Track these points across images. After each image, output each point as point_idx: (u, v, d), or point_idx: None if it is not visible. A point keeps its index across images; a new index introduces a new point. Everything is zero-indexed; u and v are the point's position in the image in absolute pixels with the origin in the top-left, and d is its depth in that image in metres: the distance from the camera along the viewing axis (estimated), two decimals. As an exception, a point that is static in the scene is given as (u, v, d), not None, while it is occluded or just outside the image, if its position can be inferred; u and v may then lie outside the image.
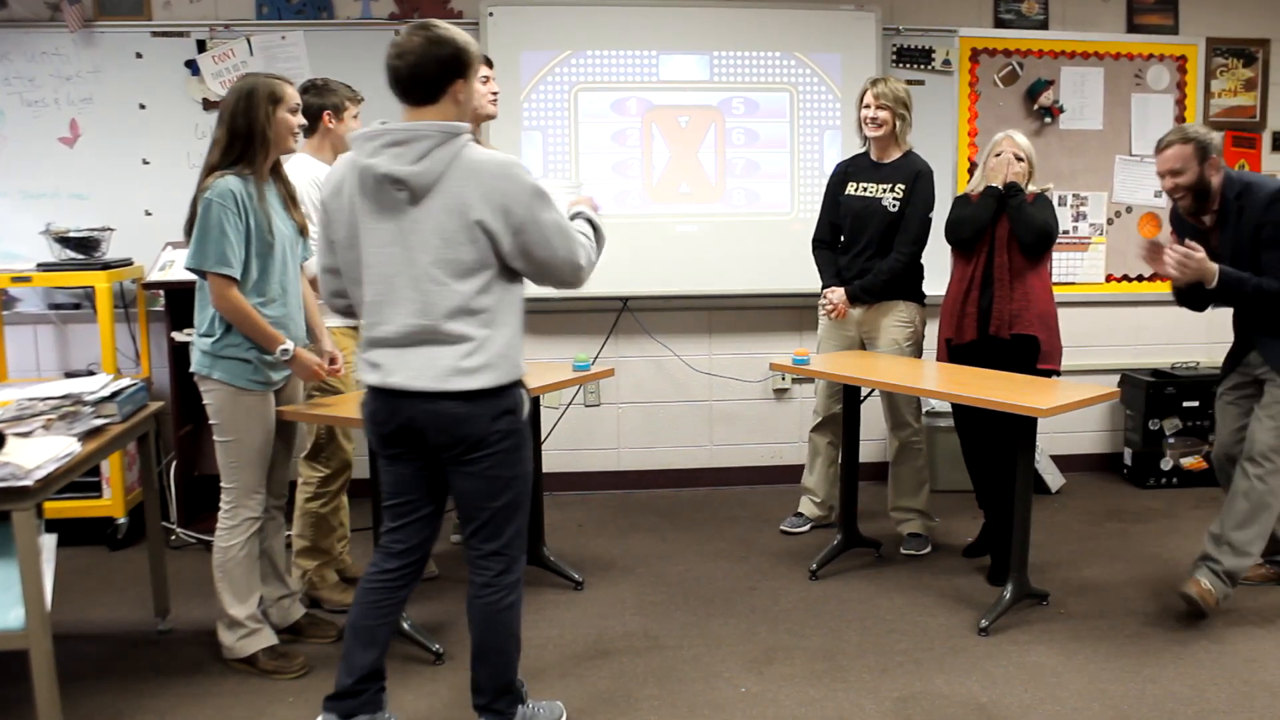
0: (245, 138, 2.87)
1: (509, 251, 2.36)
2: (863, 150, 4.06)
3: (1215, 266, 3.26)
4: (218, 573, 3.01)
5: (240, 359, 2.92)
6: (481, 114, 3.57)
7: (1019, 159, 3.68)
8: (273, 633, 3.10)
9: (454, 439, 2.41)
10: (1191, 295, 3.44)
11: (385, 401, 2.44)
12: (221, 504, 3.01)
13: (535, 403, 3.65)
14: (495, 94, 3.65)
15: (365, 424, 2.54)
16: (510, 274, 2.43)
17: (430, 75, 2.33)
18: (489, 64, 3.68)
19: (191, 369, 2.97)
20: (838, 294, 4.00)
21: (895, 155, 3.96)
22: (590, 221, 2.59)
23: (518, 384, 2.46)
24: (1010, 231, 3.63)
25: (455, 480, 2.49)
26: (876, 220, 3.92)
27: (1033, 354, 3.64)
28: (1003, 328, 3.64)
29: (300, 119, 3.00)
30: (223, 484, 3.01)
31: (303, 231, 3.06)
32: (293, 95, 2.97)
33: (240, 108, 2.86)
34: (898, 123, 3.89)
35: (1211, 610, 3.32)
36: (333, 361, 3.18)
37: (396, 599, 2.60)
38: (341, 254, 2.46)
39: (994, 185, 3.65)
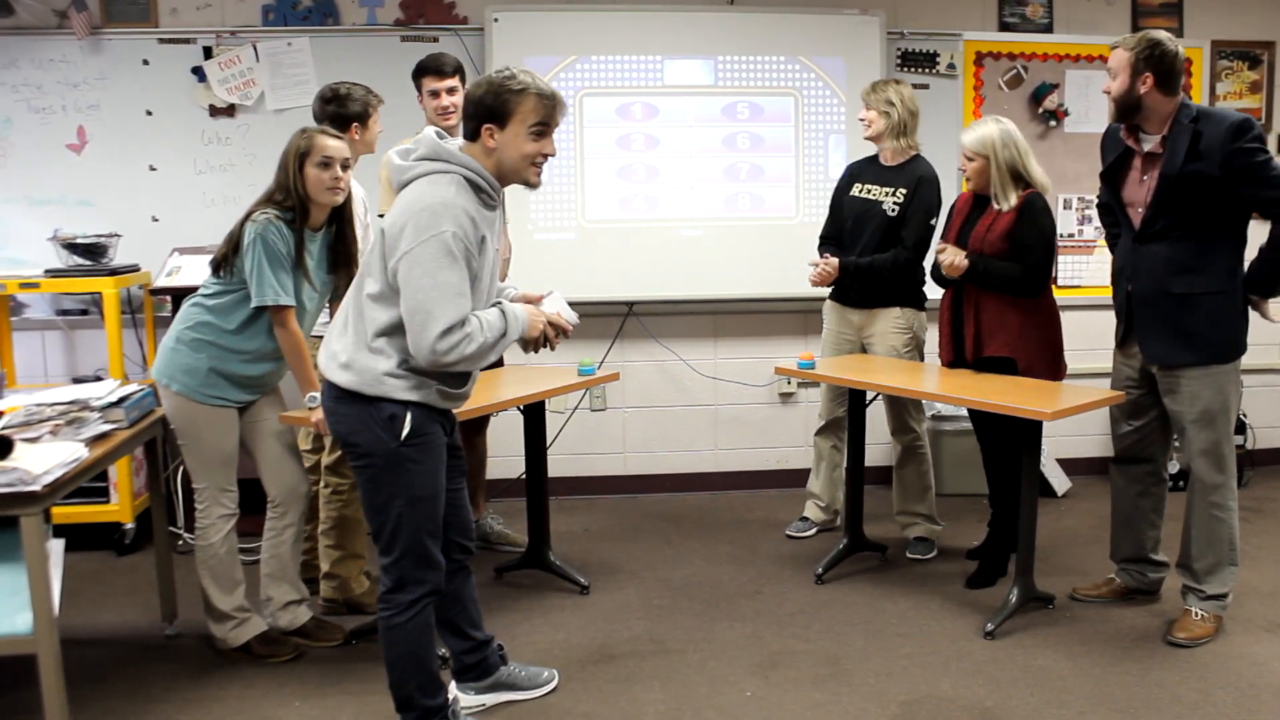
0: (285, 189, 2.97)
1: (392, 268, 2.31)
2: (875, 153, 4.07)
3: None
4: (201, 569, 3.10)
5: (198, 375, 2.99)
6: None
7: (969, 159, 3.52)
8: (262, 620, 3.17)
9: (331, 431, 2.51)
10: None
11: None
12: (195, 503, 3.10)
13: (472, 424, 3.73)
14: (445, 109, 3.66)
15: None
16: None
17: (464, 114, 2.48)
18: (444, 75, 3.67)
19: (150, 372, 3.03)
20: (833, 261, 3.93)
21: (902, 159, 3.95)
22: (505, 314, 2.43)
23: (385, 401, 2.37)
24: None
25: None
26: (875, 222, 3.92)
27: (1012, 374, 3.50)
28: (969, 352, 3.58)
29: (336, 171, 2.97)
30: (194, 485, 3.10)
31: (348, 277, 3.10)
32: (324, 147, 2.95)
33: (282, 160, 2.97)
34: (885, 121, 3.87)
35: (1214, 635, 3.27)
36: None
37: (451, 589, 2.67)
38: None
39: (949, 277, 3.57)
